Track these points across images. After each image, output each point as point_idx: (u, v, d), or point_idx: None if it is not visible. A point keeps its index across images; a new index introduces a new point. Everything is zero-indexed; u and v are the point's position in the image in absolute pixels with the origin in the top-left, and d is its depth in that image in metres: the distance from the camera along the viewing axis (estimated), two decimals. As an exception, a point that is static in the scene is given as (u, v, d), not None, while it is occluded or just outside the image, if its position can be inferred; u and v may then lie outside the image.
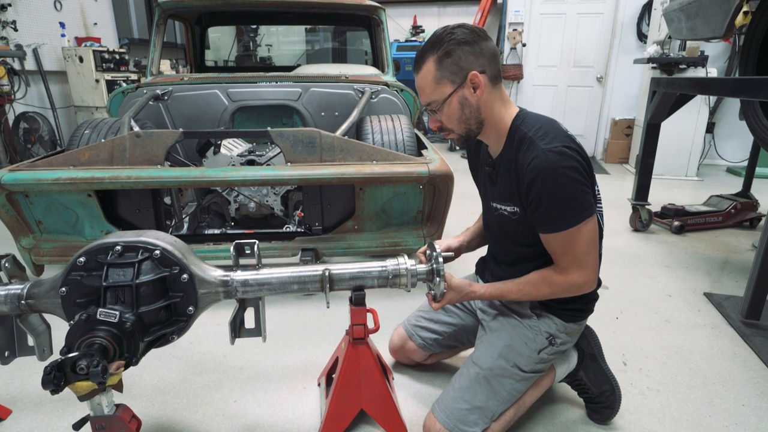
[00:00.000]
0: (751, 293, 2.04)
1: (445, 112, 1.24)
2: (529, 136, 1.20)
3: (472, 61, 1.18)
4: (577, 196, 1.16)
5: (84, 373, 0.97)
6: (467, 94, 1.21)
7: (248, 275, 1.24)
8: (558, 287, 1.26)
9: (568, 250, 1.20)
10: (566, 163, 1.14)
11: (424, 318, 1.67)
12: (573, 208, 1.16)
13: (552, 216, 1.18)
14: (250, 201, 2.58)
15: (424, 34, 7.11)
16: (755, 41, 2.64)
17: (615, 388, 1.50)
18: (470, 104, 1.22)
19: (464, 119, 1.24)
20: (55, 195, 2.02)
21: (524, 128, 1.23)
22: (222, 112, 2.95)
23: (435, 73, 1.20)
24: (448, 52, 1.18)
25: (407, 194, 2.15)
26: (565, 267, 1.23)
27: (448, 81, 1.20)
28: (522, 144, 1.22)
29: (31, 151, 4.83)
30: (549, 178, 1.14)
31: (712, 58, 5.21)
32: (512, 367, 1.33)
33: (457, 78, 1.19)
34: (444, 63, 1.18)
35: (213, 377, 1.74)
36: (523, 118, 1.26)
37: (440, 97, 1.21)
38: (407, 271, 1.28)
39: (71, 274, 1.12)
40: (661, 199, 3.88)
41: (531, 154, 1.17)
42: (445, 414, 1.32)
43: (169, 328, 1.17)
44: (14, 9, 4.71)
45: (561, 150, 1.15)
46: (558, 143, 1.16)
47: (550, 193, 1.15)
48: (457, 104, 1.22)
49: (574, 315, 1.38)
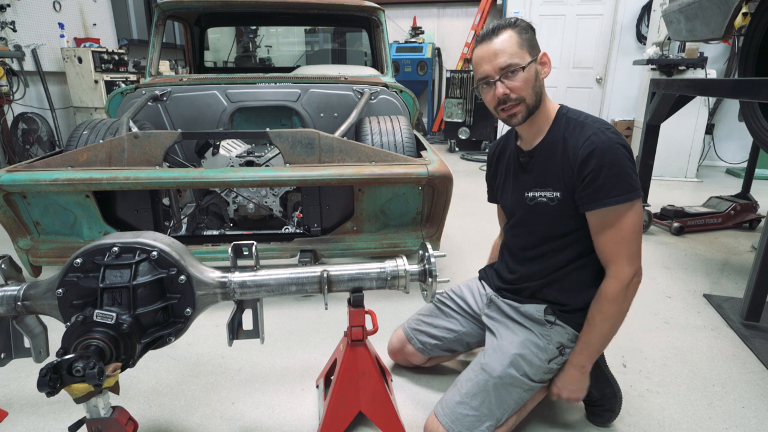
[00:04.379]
0: (750, 295, 2.04)
1: (522, 77, 1.25)
2: (580, 120, 1.29)
3: (538, 45, 1.29)
4: (631, 174, 1.22)
5: (80, 375, 0.97)
6: (539, 68, 1.28)
7: (246, 276, 1.24)
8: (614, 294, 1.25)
9: (617, 232, 1.23)
10: (621, 141, 1.23)
11: (424, 322, 1.66)
12: (628, 183, 1.21)
13: (608, 189, 1.21)
14: (248, 202, 2.58)
15: (424, 36, 7.11)
16: (754, 42, 2.64)
17: (616, 391, 1.49)
18: (539, 79, 1.29)
19: (536, 89, 1.28)
20: (53, 196, 2.02)
21: (572, 115, 1.32)
22: (221, 113, 2.95)
23: (518, 39, 1.24)
24: (527, 29, 1.26)
25: (406, 195, 2.15)
26: (614, 260, 1.25)
27: (528, 50, 1.25)
28: (570, 127, 1.29)
29: (29, 151, 4.82)
30: (608, 152, 1.20)
31: (712, 60, 5.21)
32: (522, 377, 1.32)
33: (534, 51, 1.26)
34: (524, 36, 1.25)
35: (211, 379, 1.73)
36: (569, 109, 1.35)
37: (522, 61, 1.24)
38: (406, 273, 1.27)
39: (68, 276, 1.12)
40: (660, 200, 3.88)
41: (586, 133, 1.25)
42: (450, 419, 1.30)
43: (166, 329, 1.16)
44: (13, 9, 4.70)
45: (613, 131, 1.24)
46: (608, 126, 1.26)
47: (609, 166, 1.20)
48: (534, 72, 1.26)
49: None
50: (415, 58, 6.91)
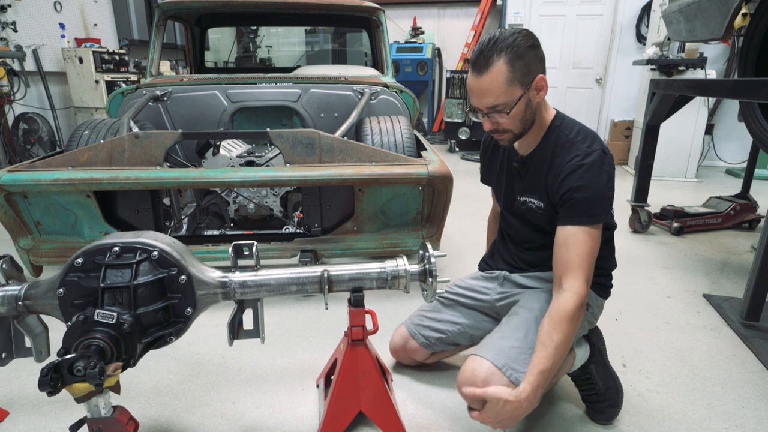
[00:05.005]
0: (750, 295, 2.04)
1: (511, 114, 1.24)
2: (570, 138, 1.28)
3: (537, 64, 1.22)
4: (606, 198, 1.24)
5: (81, 374, 0.97)
6: (531, 97, 1.25)
7: (247, 276, 1.24)
8: (572, 311, 1.19)
9: (577, 249, 1.23)
10: (602, 166, 1.23)
11: (427, 317, 1.66)
12: (601, 207, 1.23)
13: (580, 209, 1.23)
14: (249, 202, 2.58)
15: (424, 36, 7.11)
16: (754, 43, 2.65)
17: (618, 385, 1.51)
18: (531, 106, 1.26)
19: (525, 120, 1.27)
20: (54, 196, 2.02)
21: (564, 130, 1.31)
22: (221, 113, 2.95)
23: (507, 75, 1.19)
24: (521, 55, 1.19)
25: (406, 195, 2.15)
26: (573, 275, 1.22)
27: (519, 84, 1.21)
28: (560, 145, 1.29)
29: (30, 151, 4.82)
30: (587, 175, 1.22)
31: (711, 60, 5.22)
32: None
33: (526, 80, 1.21)
34: (516, 65, 1.19)
35: (211, 379, 1.73)
36: (562, 120, 1.33)
37: (511, 99, 1.22)
38: (406, 273, 1.28)
39: (69, 275, 1.12)
40: (660, 200, 3.88)
41: (572, 153, 1.25)
42: (494, 352, 1.25)
43: (167, 329, 1.16)
44: (14, 10, 4.71)
45: (599, 154, 1.24)
46: (598, 147, 1.26)
47: (586, 188, 1.21)
48: (523, 106, 1.24)
49: (601, 289, 1.45)
50: (415, 58, 6.92)
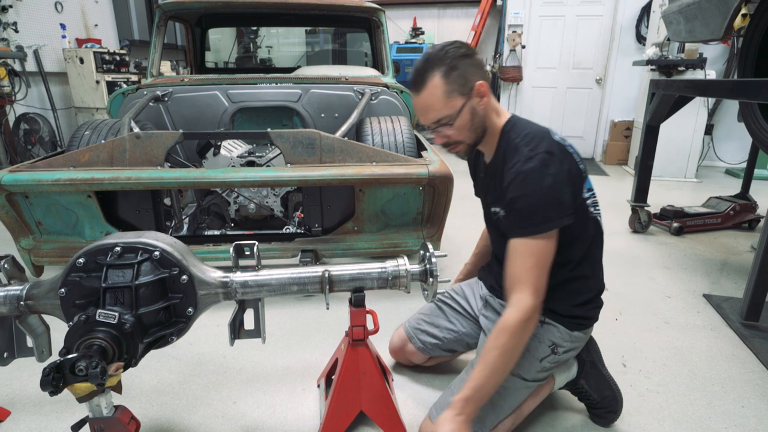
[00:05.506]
0: (750, 295, 2.04)
1: (457, 125, 1.25)
2: (515, 143, 1.24)
3: (474, 72, 1.22)
4: (549, 205, 1.16)
5: (83, 374, 0.97)
6: (475, 104, 1.24)
7: (248, 276, 1.24)
8: (513, 325, 1.15)
9: (525, 260, 1.17)
10: (545, 169, 1.16)
11: (426, 321, 1.66)
12: (542, 216, 1.16)
13: (520, 219, 1.19)
14: (249, 202, 2.58)
15: (424, 36, 7.12)
16: (753, 43, 2.65)
17: (616, 392, 1.49)
18: (478, 113, 1.25)
19: (474, 128, 1.27)
20: (55, 196, 2.02)
21: (513, 134, 1.26)
22: (222, 113, 2.96)
23: (444, 88, 1.20)
24: (454, 66, 1.19)
25: (407, 195, 2.15)
26: (518, 288, 1.17)
27: (458, 94, 1.21)
28: (508, 149, 1.25)
29: (31, 152, 4.83)
30: (525, 182, 1.16)
31: (711, 60, 5.22)
32: (513, 377, 1.31)
33: (465, 89, 1.22)
34: (451, 76, 1.20)
35: (212, 378, 1.73)
36: (513, 125, 1.29)
37: (453, 110, 1.23)
38: (407, 273, 1.28)
39: (70, 275, 1.12)
40: (660, 200, 3.88)
41: (515, 158, 1.21)
42: None
43: (168, 329, 1.17)
44: (15, 10, 4.71)
45: (543, 156, 1.17)
46: (542, 149, 1.18)
47: (524, 197, 1.17)
48: (468, 115, 1.24)
49: (578, 323, 1.36)
50: (415, 58, 6.90)
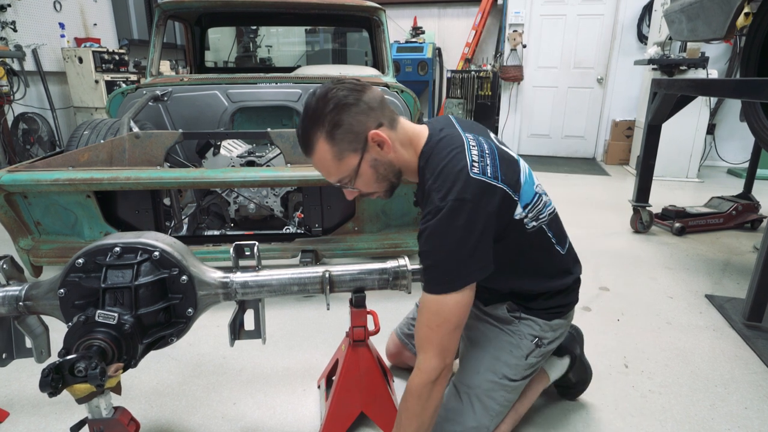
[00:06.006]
0: (753, 295, 2.04)
1: (360, 182, 1.14)
2: (428, 186, 1.10)
3: (364, 121, 1.07)
4: (456, 263, 1.06)
5: (82, 375, 0.96)
6: (375, 154, 1.10)
7: (248, 277, 1.24)
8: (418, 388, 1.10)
9: (431, 319, 1.08)
10: (453, 221, 1.03)
11: (414, 326, 1.65)
12: (452, 272, 1.06)
13: (427, 276, 1.10)
14: (249, 202, 2.57)
15: (425, 36, 7.10)
16: (756, 42, 2.64)
17: (590, 375, 1.58)
18: (382, 162, 1.12)
19: (382, 177, 1.15)
20: (54, 196, 2.01)
21: (427, 173, 1.12)
22: (222, 113, 2.95)
23: (332, 150, 1.07)
24: (337, 123, 1.05)
25: (407, 195, 2.14)
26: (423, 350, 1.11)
27: (349, 152, 1.08)
28: (425, 193, 1.13)
29: (30, 151, 4.82)
30: (431, 237, 1.06)
31: (713, 60, 5.20)
32: (501, 379, 1.28)
33: (357, 145, 1.08)
34: (336, 135, 1.06)
35: (212, 379, 1.73)
36: (428, 156, 1.14)
37: (349, 171, 1.11)
38: (408, 273, 1.27)
39: (70, 276, 1.11)
40: (661, 200, 3.87)
41: (426, 209, 1.08)
42: None
43: (168, 329, 1.16)
44: (14, 9, 4.70)
45: (451, 205, 1.03)
46: (453, 196, 1.03)
47: (430, 254, 1.08)
48: (369, 169, 1.12)
49: (556, 312, 1.31)
50: (415, 58, 6.90)
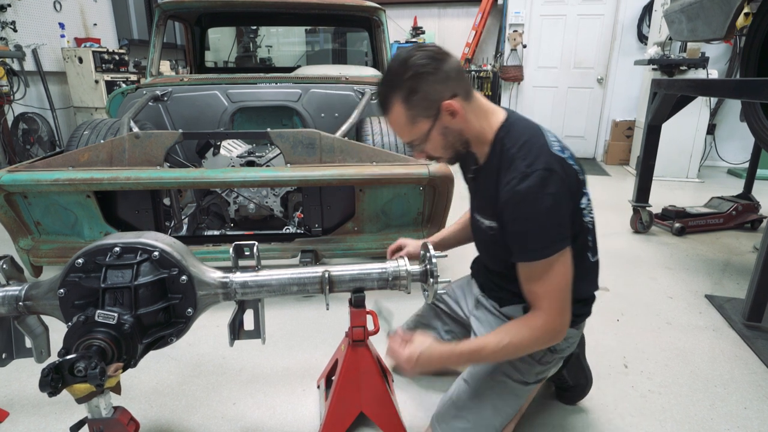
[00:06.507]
0: (752, 295, 2.04)
1: (429, 146, 1.19)
2: (511, 153, 1.13)
3: (440, 90, 1.10)
4: (551, 226, 1.08)
5: (82, 375, 0.97)
6: (446, 123, 1.14)
7: (248, 277, 1.24)
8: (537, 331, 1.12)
9: (541, 285, 1.11)
10: (544, 189, 1.06)
11: (422, 324, 1.66)
12: (546, 238, 1.09)
13: (524, 244, 1.11)
14: (249, 202, 2.57)
15: (425, 35, 7.10)
16: (756, 42, 2.64)
17: (589, 380, 1.55)
18: (452, 131, 1.16)
19: (449, 145, 1.19)
20: (54, 196, 2.01)
21: (508, 142, 1.15)
22: (222, 113, 2.95)
23: (407, 114, 1.12)
24: (413, 89, 1.09)
25: (407, 196, 2.15)
26: (541, 307, 1.13)
27: (423, 118, 1.13)
28: (504, 160, 1.15)
29: (30, 152, 4.82)
30: (522, 204, 1.08)
31: (713, 60, 5.20)
32: (514, 382, 1.28)
33: (431, 112, 1.12)
34: (413, 101, 1.11)
35: (212, 379, 1.73)
36: (508, 129, 1.18)
37: (420, 135, 1.16)
38: (407, 273, 1.27)
39: (69, 276, 1.11)
40: (661, 200, 3.87)
41: (510, 174, 1.11)
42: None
43: (167, 329, 1.16)
44: (13, 9, 4.70)
45: (540, 173, 1.07)
46: (540, 165, 1.08)
47: (524, 219, 1.09)
48: (439, 135, 1.16)
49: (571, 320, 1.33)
50: (415, 58, 6.89)
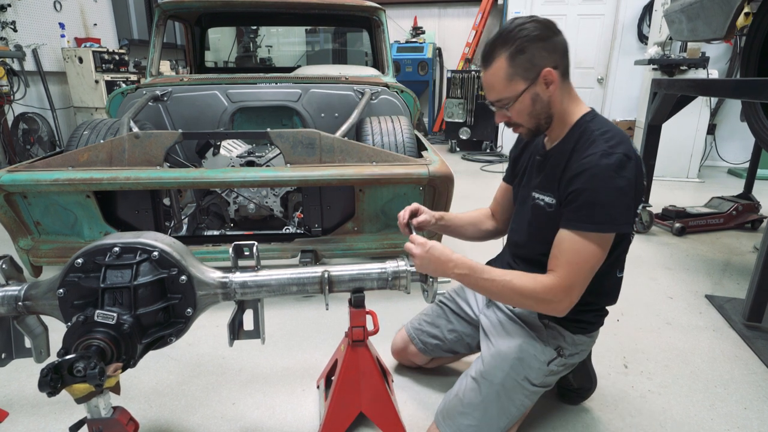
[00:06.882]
0: (752, 295, 2.03)
1: (515, 109, 1.21)
2: (595, 134, 1.18)
3: (545, 57, 1.15)
4: (615, 206, 1.12)
5: (81, 375, 0.97)
6: (539, 91, 1.18)
7: (247, 277, 1.24)
8: (539, 286, 1.16)
9: (571, 255, 1.15)
10: (621, 171, 1.11)
11: (427, 322, 1.66)
12: (605, 215, 1.12)
13: (579, 212, 1.14)
14: (249, 202, 2.57)
15: (425, 36, 7.10)
16: (756, 42, 2.63)
17: (594, 384, 1.55)
18: (542, 100, 1.20)
19: (535, 114, 1.22)
20: (54, 196, 2.01)
21: (592, 126, 1.21)
22: (222, 113, 2.95)
23: (507, 70, 1.16)
24: (522, 49, 1.14)
25: (407, 195, 2.14)
26: (557, 273, 1.16)
27: (520, 78, 1.16)
28: (583, 138, 1.20)
29: (30, 151, 4.82)
30: (598, 176, 1.11)
31: (713, 60, 5.20)
32: (523, 381, 1.28)
33: (530, 74, 1.16)
34: (517, 60, 1.15)
35: (211, 379, 1.73)
36: (594, 117, 1.24)
37: (512, 94, 1.18)
38: (407, 273, 1.27)
39: (69, 276, 1.11)
40: (662, 200, 3.87)
41: (591, 149, 1.15)
42: (452, 429, 1.29)
43: (167, 329, 1.16)
44: (14, 9, 4.70)
45: (621, 156, 1.12)
46: (621, 150, 1.13)
47: (593, 192, 1.12)
48: (528, 101, 1.19)
49: (583, 327, 1.33)
50: (416, 58, 6.91)
